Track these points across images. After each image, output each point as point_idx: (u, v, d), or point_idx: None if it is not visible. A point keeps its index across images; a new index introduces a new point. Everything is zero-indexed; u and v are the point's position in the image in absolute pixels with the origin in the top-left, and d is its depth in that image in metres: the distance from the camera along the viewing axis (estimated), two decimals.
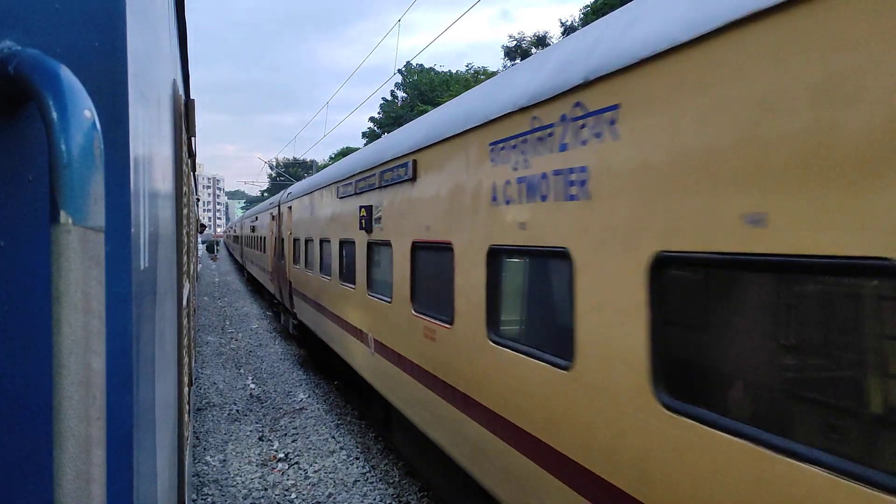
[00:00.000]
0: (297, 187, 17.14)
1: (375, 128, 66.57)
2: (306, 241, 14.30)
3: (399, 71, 61.01)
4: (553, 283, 4.29)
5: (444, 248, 5.77)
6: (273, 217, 21.50)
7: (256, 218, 31.08)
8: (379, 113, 67.91)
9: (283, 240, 18.57)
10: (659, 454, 3.06)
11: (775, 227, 2.39)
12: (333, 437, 10.46)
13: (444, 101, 9.56)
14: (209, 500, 8.24)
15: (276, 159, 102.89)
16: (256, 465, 9.40)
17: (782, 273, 2.52)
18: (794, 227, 2.33)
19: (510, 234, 4.52)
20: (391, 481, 8.62)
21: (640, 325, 3.16)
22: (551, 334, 4.21)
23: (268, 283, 24.27)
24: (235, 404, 12.62)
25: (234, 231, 59.95)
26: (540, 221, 4.11)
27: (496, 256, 4.81)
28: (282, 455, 9.74)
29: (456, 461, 5.60)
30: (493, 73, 44.51)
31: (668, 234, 3.02)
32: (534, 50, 46.50)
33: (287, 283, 17.43)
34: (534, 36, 48.31)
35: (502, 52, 51.80)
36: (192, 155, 8.36)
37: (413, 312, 6.68)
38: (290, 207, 17.15)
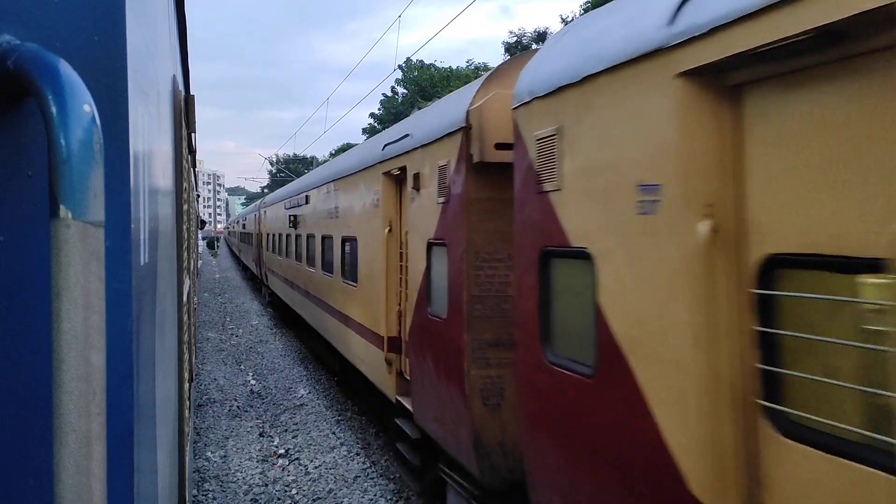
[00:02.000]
0: None
1: (376, 124, 66.51)
2: None
3: (399, 67, 60.95)
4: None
5: None
6: (443, 182, 6.00)
7: (305, 198, 14.82)
8: (379, 109, 67.84)
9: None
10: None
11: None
12: (334, 433, 10.47)
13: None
14: (210, 495, 8.26)
15: (277, 155, 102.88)
16: (257, 461, 9.42)
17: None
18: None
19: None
20: (391, 477, 8.63)
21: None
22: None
23: (375, 369, 8.54)
24: (236, 400, 12.64)
25: (243, 225, 42.65)
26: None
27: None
28: (282, 451, 9.76)
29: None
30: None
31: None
32: (534, 45, 46.43)
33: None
34: (534, 32, 48.24)
35: (503, 48, 51.74)
36: (192, 151, 8.35)
37: None
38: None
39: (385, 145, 7.85)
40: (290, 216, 16.37)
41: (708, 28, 2.69)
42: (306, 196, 14.60)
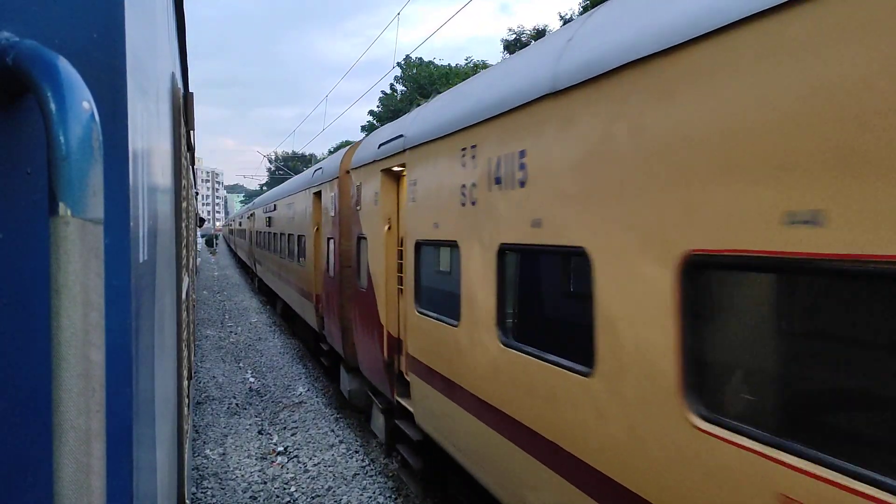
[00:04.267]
0: None
1: (375, 121, 66.47)
2: None
3: (398, 64, 60.86)
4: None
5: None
6: None
7: None
8: (378, 106, 67.79)
9: None
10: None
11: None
12: (333, 431, 10.48)
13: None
14: (209, 493, 8.26)
15: (276, 153, 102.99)
16: (256, 459, 9.42)
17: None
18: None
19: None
20: (390, 475, 8.64)
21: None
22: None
23: None
24: (235, 398, 12.64)
25: (268, 220, 23.73)
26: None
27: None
28: (281, 448, 9.76)
29: None
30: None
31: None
32: (532, 42, 46.29)
33: None
34: (533, 29, 48.16)
35: (502, 46, 51.70)
36: (190, 148, 8.35)
37: None
38: None
39: None
40: None
41: None
42: None
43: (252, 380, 14.05)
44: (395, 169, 7.69)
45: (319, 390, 13.09)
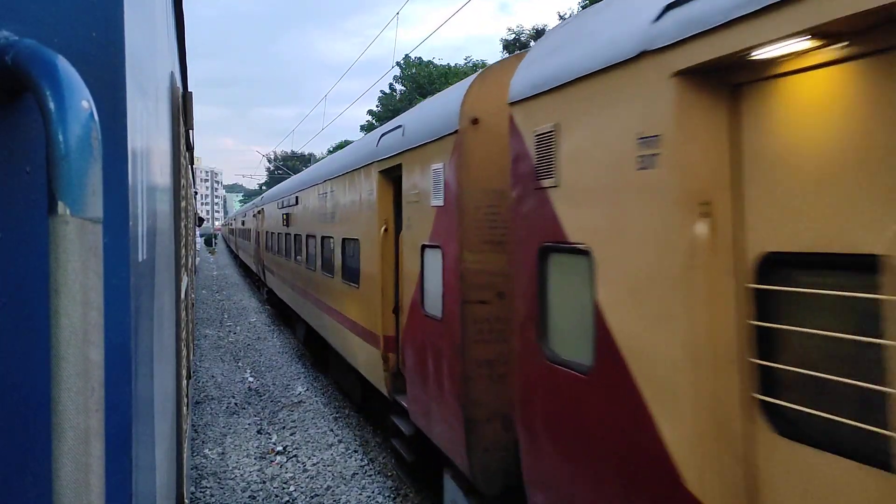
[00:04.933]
0: None
1: (374, 121, 66.47)
2: None
3: (397, 64, 60.85)
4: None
5: None
6: None
7: None
8: (377, 106, 67.79)
9: None
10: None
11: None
12: (332, 430, 10.48)
13: None
14: (208, 492, 8.26)
15: (275, 153, 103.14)
16: (255, 458, 9.42)
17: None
18: None
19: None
20: (389, 474, 8.64)
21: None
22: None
23: None
24: (234, 397, 12.64)
25: (284, 216, 17.60)
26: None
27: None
28: (280, 448, 9.77)
29: None
30: None
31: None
32: (532, 43, 46.24)
33: None
34: (532, 29, 48.16)
35: (501, 46, 51.69)
36: (189, 148, 8.35)
37: None
38: None
39: None
40: None
41: None
42: None
43: (251, 379, 14.05)
44: (765, 56, 2.44)
45: (318, 390, 13.09)
